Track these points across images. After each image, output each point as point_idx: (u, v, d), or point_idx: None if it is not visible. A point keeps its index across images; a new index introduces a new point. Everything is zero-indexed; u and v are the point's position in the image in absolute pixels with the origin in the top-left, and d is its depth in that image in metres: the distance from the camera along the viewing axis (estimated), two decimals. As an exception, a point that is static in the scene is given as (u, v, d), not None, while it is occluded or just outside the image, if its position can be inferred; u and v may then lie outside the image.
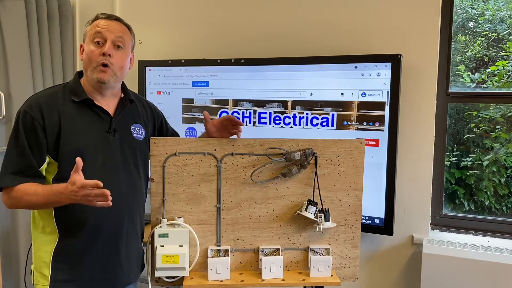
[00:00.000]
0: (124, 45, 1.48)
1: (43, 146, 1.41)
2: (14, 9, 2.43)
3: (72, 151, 1.41)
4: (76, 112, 1.45)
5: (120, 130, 1.52)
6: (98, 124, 1.48)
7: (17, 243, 2.54)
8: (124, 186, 1.51)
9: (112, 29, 1.46)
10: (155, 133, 1.71)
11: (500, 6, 2.35)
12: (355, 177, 1.63)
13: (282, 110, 2.29)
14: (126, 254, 1.55)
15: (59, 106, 1.44)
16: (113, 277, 1.53)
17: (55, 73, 2.70)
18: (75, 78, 1.52)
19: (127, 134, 1.55)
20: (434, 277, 2.05)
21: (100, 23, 1.46)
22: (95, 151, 1.45)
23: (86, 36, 1.48)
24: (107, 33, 1.44)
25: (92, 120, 1.47)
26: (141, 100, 1.69)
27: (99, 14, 1.50)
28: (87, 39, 1.47)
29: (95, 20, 1.48)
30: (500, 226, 2.18)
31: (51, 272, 1.45)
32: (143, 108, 1.66)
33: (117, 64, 1.46)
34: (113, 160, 1.48)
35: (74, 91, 1.48)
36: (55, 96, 1.46)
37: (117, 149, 1.50)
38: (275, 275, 1.58)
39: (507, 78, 2.31)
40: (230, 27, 2.53)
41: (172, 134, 1.80)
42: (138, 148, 1.58)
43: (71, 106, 1.45)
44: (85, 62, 1.47)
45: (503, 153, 2.32)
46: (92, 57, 1.44)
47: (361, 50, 2.21)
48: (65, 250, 1.45)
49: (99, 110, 1.48)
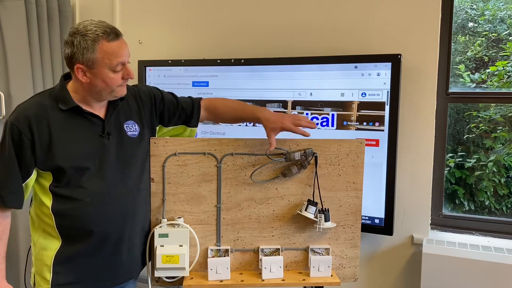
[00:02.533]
0: None
1: (30, 161, 1.39)
2: (14, 9, 2.43)
3: (66, 161, 1.39)
4: (66, 120, 1.41)
5: (114, 132, 1.48)
6: (91, 130, 1.44)
7: (17, 244, 2.54)
8: (124, 187, 1.49)
9: (125, 51, 1.39)
10: (156, 116, 1.62)
11: (500, 6, 2.35)
12: (355, 177, 1.63)
13: (282, 110, 2.29)
14: (128, 254, 1.54)
15: (48, 116, 1.39)
16: (114, 276, 1.52)
17: (55, 73, 2.70)
18: (61, 84, 1.45)
19: (122, 134, 1.50)
20: (434, 277, 2.05)
21: (113, 47, 1.35)
22: (91, 158, 1.42)
23: (95, 63, 1.35)
24: (124, 58, 1.38)
25: (83, 127, 1.43)
26: (130, 91, 1.58)
27: (100, 33, 1.34)
28: (102, 67, 1.35)
29: (98, 42, 1.34)
30: (500, 226, 2.18)
31: (52, 275, 1.44)
32: (134, 101, 1.57)
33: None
34: (110, 163, 1.46)
35: (61, 99, 1.42)
36: (42, 105, 1.41)
37: (113, 152, 1.47)
38: (275, 275, 1.58)
39: (507, 78, 2.31)
40: (230, 27, 2.53)
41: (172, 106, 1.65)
42: (134, 147, 1.53)
43: (60, 115, 1.40)
44: (100, 87, 1.39)
45: (504, 153, 2.32)
46: (115, 83, 1.39)
47: (361, 50, 2.21)
48: (67, 254, 1.44)
49: (89, 115, 1.44)
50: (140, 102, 1.59)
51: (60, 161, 1.38)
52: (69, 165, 1.39)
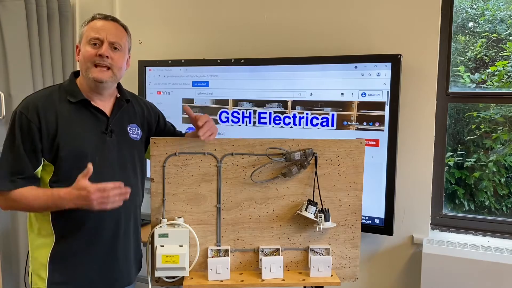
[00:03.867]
0: (121, 47, 1.47)
1: (39, 148, 1.39)
2: (14, 9, 2.43)
3: (69, 152, 1.40)
4: (73, 113, 1.44)
5: (116, 131, 1.50)
6: (95, 125, 1.47)
7: (17, 244, 2.54)
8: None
9: (109, 30, 1.44)
10: (153, 131, 1.68)
11: (500, 6, 2.35)
12: (355, 177, 1.63)
13: (282, 110, 2.29)
14: (124, 254, 1.55)
15: (56, 107, 1.42)
16: (111, 278, 1.52)
17: (55, 73, 2.70)
18: (70, 79, 1.51)
19: (124, 134, 1.53)
20: (434, 277, 2.05)
21: (96, 24, 1.44)
22: (92, 153, 1.43)
23: (82, 37, 1.46)
24: (104, 34, 1.43)
25: (89, 121, 1.46)
26: (137, 99, 1.67)
27: (96, 14, 1.47)
28: (83, 40, 1.45)
29: (91, 21, 1.46)
30: (500, 226, 2.18)
31: (48, 274, 1.44)
32: (139, 107, 1.64)
33: (117, 65, 1.46)
34: (110, 161, 1.47)
35: (70, 92, 1.46)
36: (51, 97, 1.45)
37: (114, 150, 1.49)
38: (275, 275, 1.58)
39: (507, 78, 2.31)
40: (230, 27, 2.53)
41: (170, 130, 1.76)
42: (135, 149, 1.57)
43: (68, 107, 1.44)
44: (81, 63, 1.46)
45: (504, 153, 2.32)
46: (88, 57, 1.42)
47: (361, 50, 2.21)
48: (62, 252, 1.45)
49: (96, 110, 1.47)
50: (146, 111, 1.66)
51: (63, 151, 1.39)
52: (71, 156, 1.40)
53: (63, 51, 2.76)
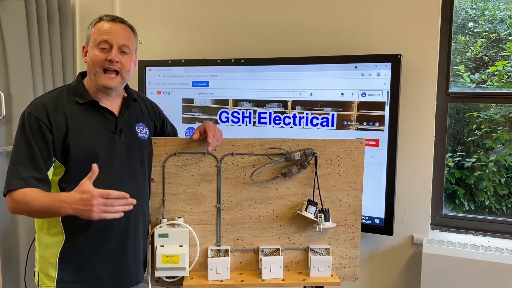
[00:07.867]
0: (129, 49, 1.46)
1: (51, 148, 1.39)
2: (14, 9, 2.43)
3: (80, 153, 1.40)
4: (82, 113, 1.44)
5: (125, 130, 1.51)
6: (104, 125, 1.47)
7: (17, 243, 2.54)
8: (130, 186, 1.49)
9: (117, 34, 1.43)
10: (157, 131, 1.70)
11: (500, 7, 2.35)
12: (355, 177, 1.63)
13: (282, 110, 2.29)
14: (134, 254, 1.54)
15: (65, 108, 1.42)
16: (121, 277, 1.52)
17: (55, 73, 2.70)
18: (78, 79, 1.51)
19: (133, 134, 1.54)
20: (434, 277, 2.05)
21: (104, 26, 1.43)
22: (101, 153, 1.43)
23: (89, 39, 1.45)
24: (112, 38, 1.42)
25: (98, 121, 1.46)
26: (143, 98, 1.69)
27: (103, 16, 1.46)
28: (91, 43, 1.44)
29: (98, 22, 1.45)
30: (500, 226, 2.18)
31: (57, 273, 1.44)
32: (145, 107, 1.65)
33: (126, 69, 1.45)
34: (119, 161, 1.48)
35: (78, 93, 1.46)
36: (59, 98, 1.45)
37: (123, 150, 1.49)
38: (275, 275, 1.58)
39: (507, 78, 2.31)
40: (230, 27, 2.53)
41: (171, 131, 1.79)
42: (144, 148, 1.57)
43: (76, 108, 1.44)
44: (89, 66, 1.45)
45: (505, 153, 2.32)
46: (96, 61, 1.41)
47: (361, 50, 2.21)
48: (72, 251, 1.44)
49: (104, 111, 1.48)
50: (152, 111, 1.67)
51: (74, 151, 1.39)
52: (83, 156, 1.39)
53: (63, 51, 2.76)
